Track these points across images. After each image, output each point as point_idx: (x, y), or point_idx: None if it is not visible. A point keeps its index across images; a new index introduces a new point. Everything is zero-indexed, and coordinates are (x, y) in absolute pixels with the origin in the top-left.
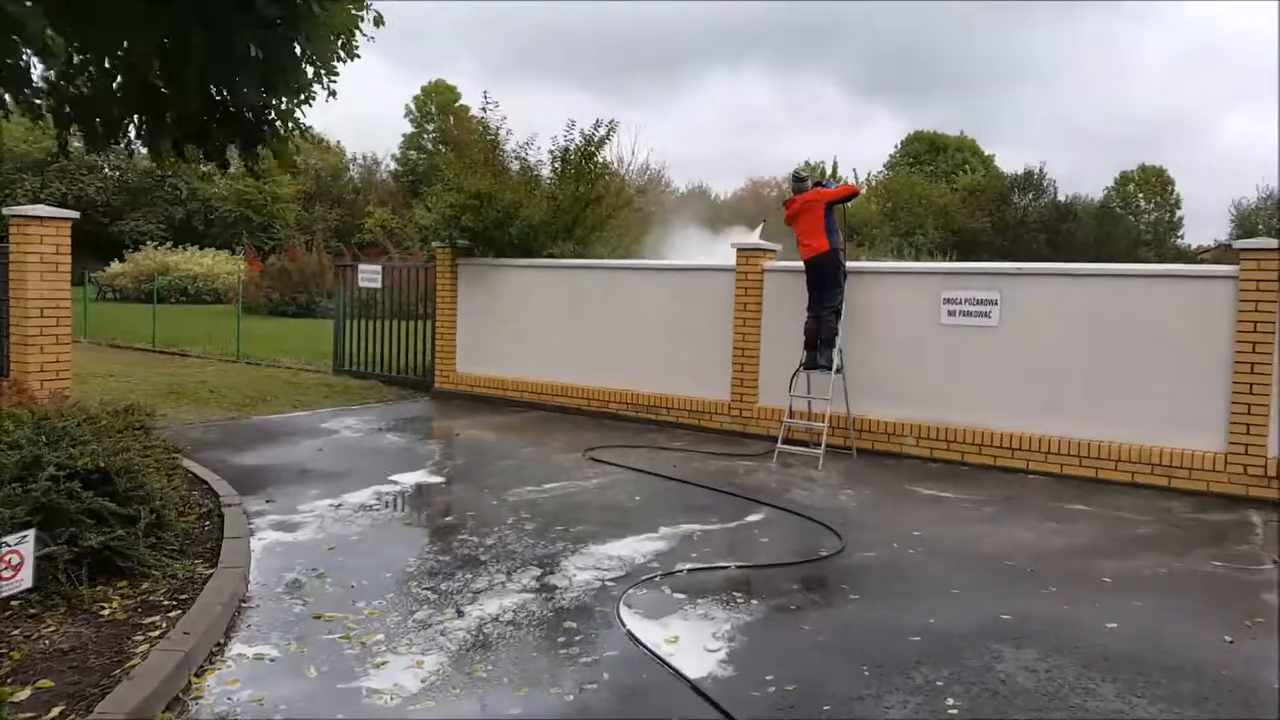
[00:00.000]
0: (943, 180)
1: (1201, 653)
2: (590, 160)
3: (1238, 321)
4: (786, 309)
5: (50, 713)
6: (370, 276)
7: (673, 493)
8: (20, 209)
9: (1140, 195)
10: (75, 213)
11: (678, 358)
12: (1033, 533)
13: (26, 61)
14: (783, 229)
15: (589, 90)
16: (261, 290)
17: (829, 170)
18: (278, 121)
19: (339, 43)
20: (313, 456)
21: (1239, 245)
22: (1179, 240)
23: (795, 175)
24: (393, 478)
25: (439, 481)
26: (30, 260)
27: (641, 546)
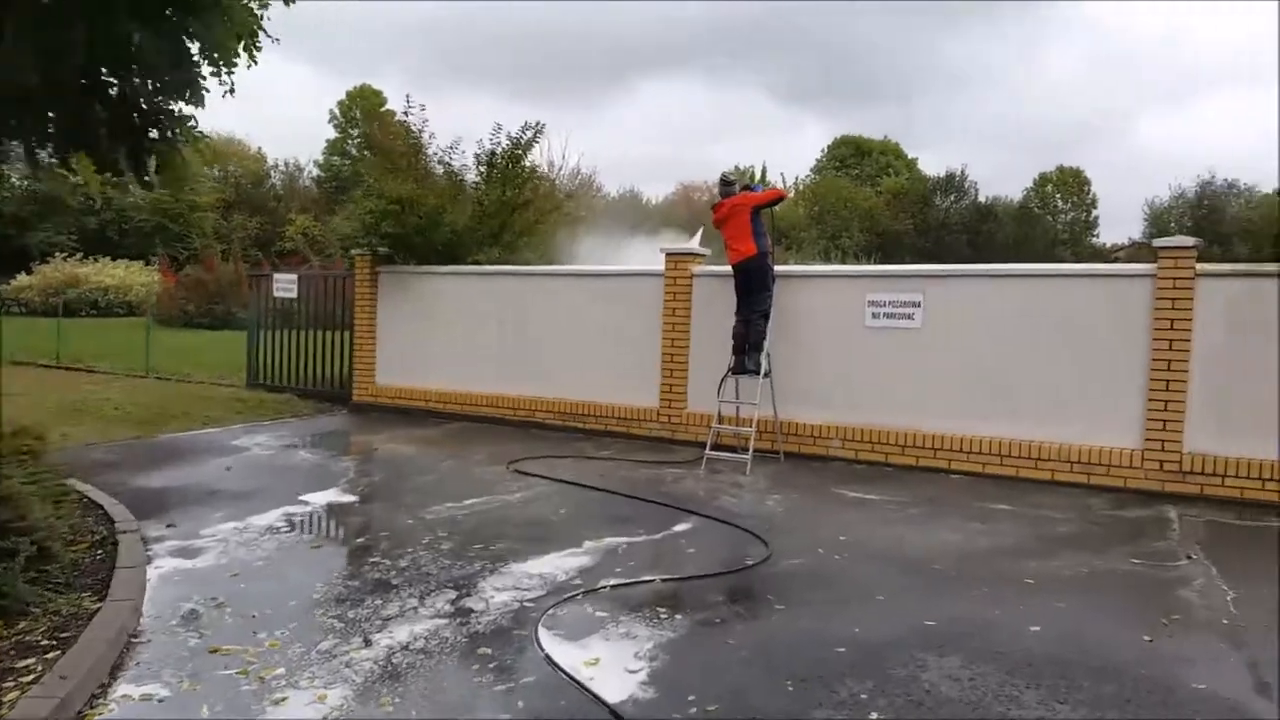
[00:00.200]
0: (868, 184)
1: (1122, 653)
2: (517, 164)
3: (1154, 319)
4: (716, 313)
5: None
6: (285, 286)
7: (599, 504)
8: None
9: (1058, 196)
10: None
11: (606, 364)
12: (957, 533)
13: None
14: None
15: (520, 97)
16: (176, 302)
17: (758, 174)
18: (170, 128)
19: (239, 41)
20: (220, 476)
21: (1157, 244)
22: (1095, 239)
23: (723, 178)
24: (303, 497)
25: (352, 500)
26: None
27: (564, 563)
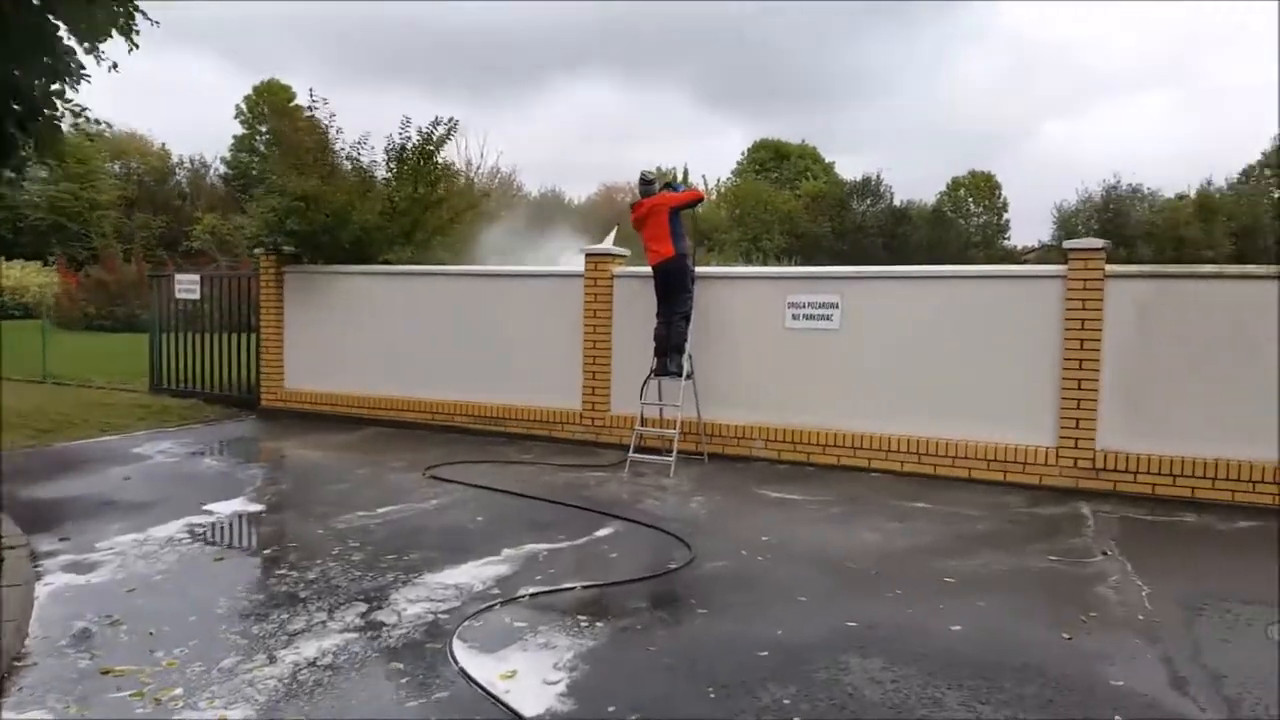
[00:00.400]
0: (787, 187)
1: (1042, 652)
2: (429, 160)
3: (1066, 319)
4: (638, 314)
5: None
6: (188, 287)
7: (519, 510)
8: None
9: (970, 200)
10: None
11: (527, 366)
12: (877, 533)
13: None
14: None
15: (441, 95)
16: (76, 304)
17: (680, 176)
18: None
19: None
20: (119, 486)
21: (1067, 245)
22: (1006, 241)
23: (642, 177)
24: (208, 507)
25: (259, 510)
26: None
27: (481, 572)
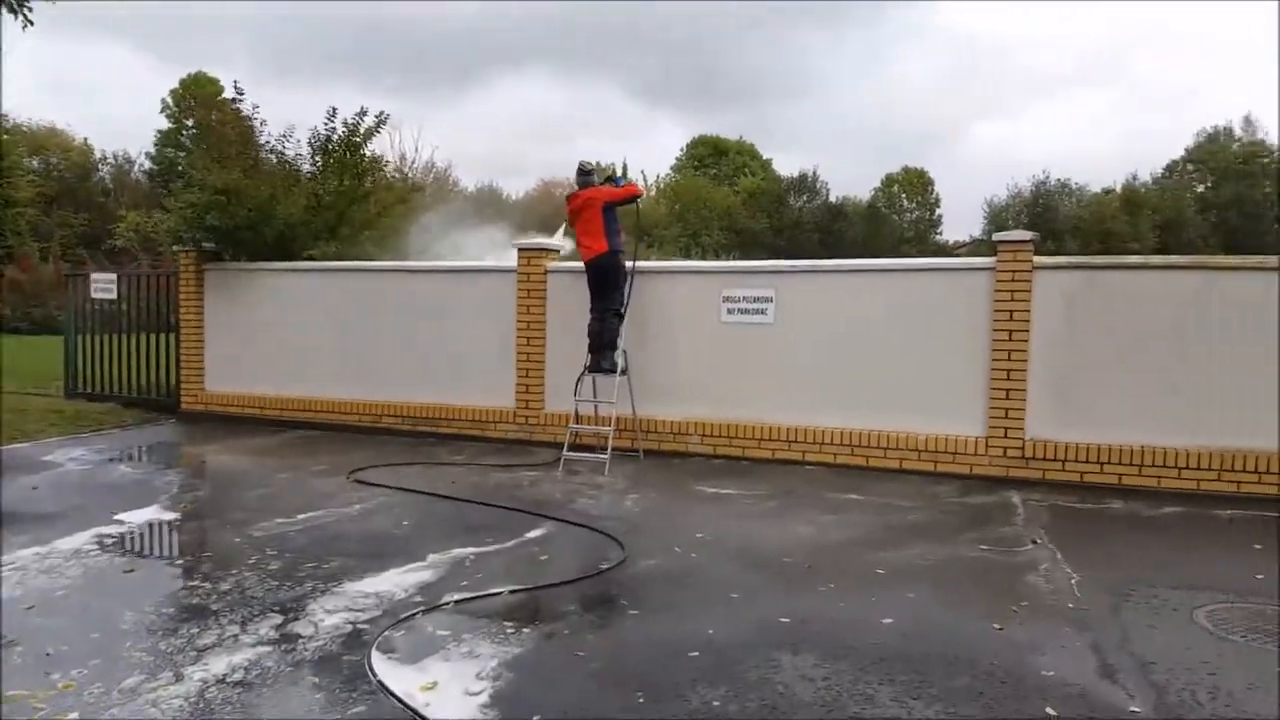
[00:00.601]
0: (726, 183)
1: (973, 643)
2: (355, 152)
3: (995, 310)
4: (573, 310)
5: None
6: (104, 286)
7: (447, 513)
8: None
9: (904, 196)
10: None
11: (458, 365)
12: (811, 526)
13: None
14: None
15: (376, 89)
16: None
17: (619, 171)
18: None
19: None
20: (26, 497)
21: (996, 238)
22: (939, 237)
23: (580, 168)
24: (120, 516)
25: (174, 518)
26: None
27: (405, 579)
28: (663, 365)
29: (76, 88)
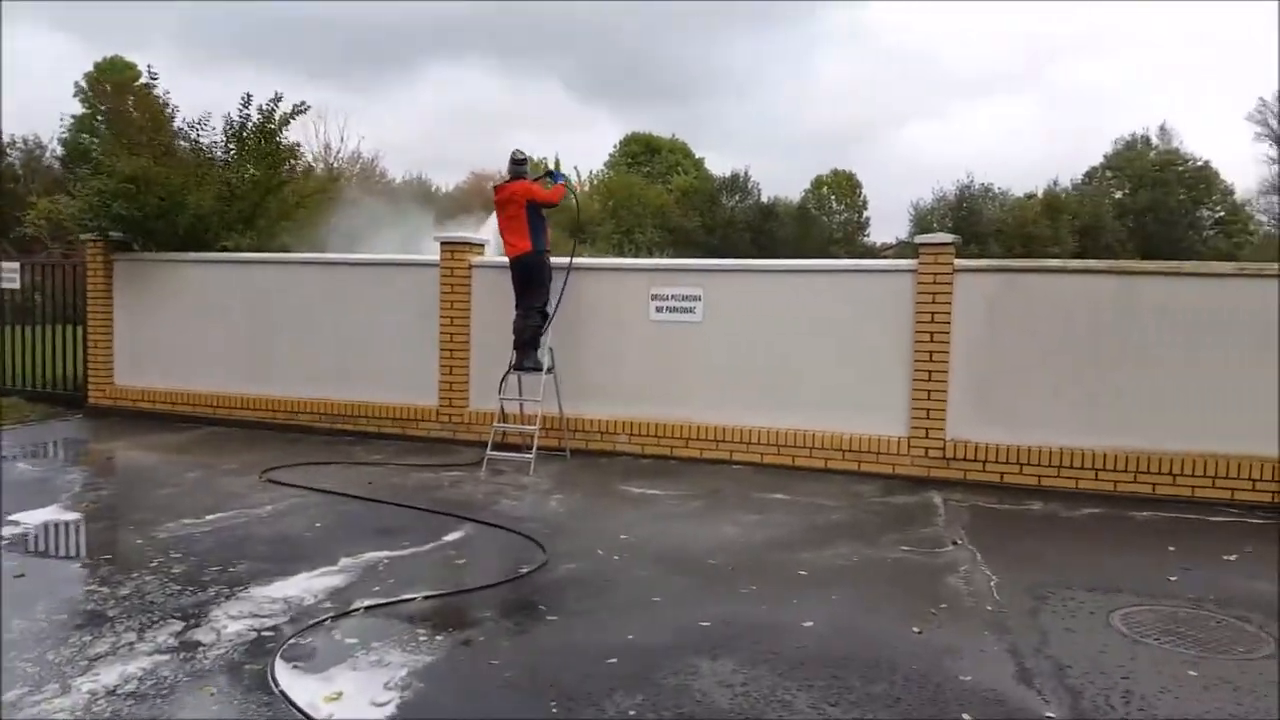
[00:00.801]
0: (659, 181)
1: (893, 646)
2: (271, 139)
3: (917, 311)
4: (499, 306)
5: None
6: (8, 275)
7: (362, 515)
8: None
9: (833, 197)
10: None
11: (379, 361)
12: (736, 526)
13: None
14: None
15: (303, 78)
16: None
17: (551, 165)
18: None
19: None
20: None
21: (918, 240)
22: (866, 238)
23: (513, 156)
24: (15, 517)
25: (74, 519)
26: None
27: (315, 584)
28: (591, 363)
29: None
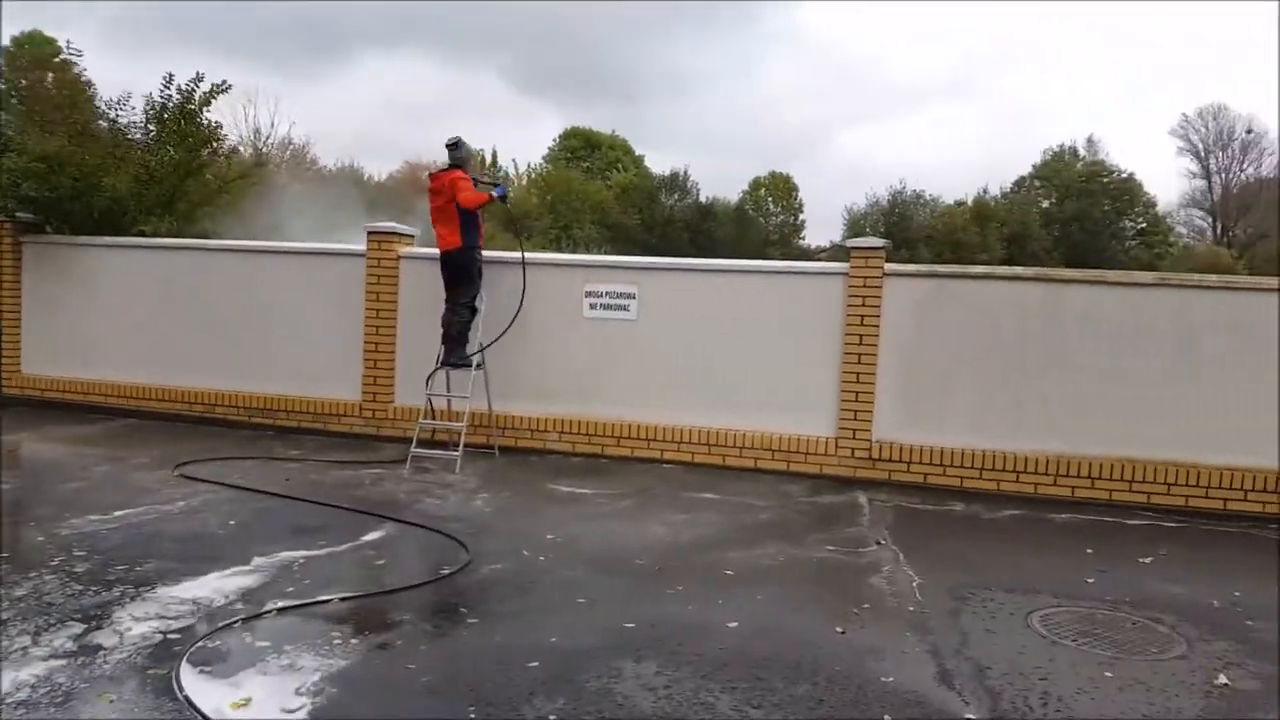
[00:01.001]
0: (598, 177)
1: (816, 647)
2: (192, 120)
3: (847, 314)
4: (427, 298)
5: None
6: None
7: (279, 512)
8: None
9: (770, 199)
10: None
11: (301, 353)
12: (665, 526)
13: None
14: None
15: (236, 59)
16: None
17: (489, 159)
18: None
19: None
20: None
21: (849, 244)
22: (802, 241)
23: (449, 142)
24: None
25: None
26: None
27: (226, 584)
28: (522, 359)
29: None
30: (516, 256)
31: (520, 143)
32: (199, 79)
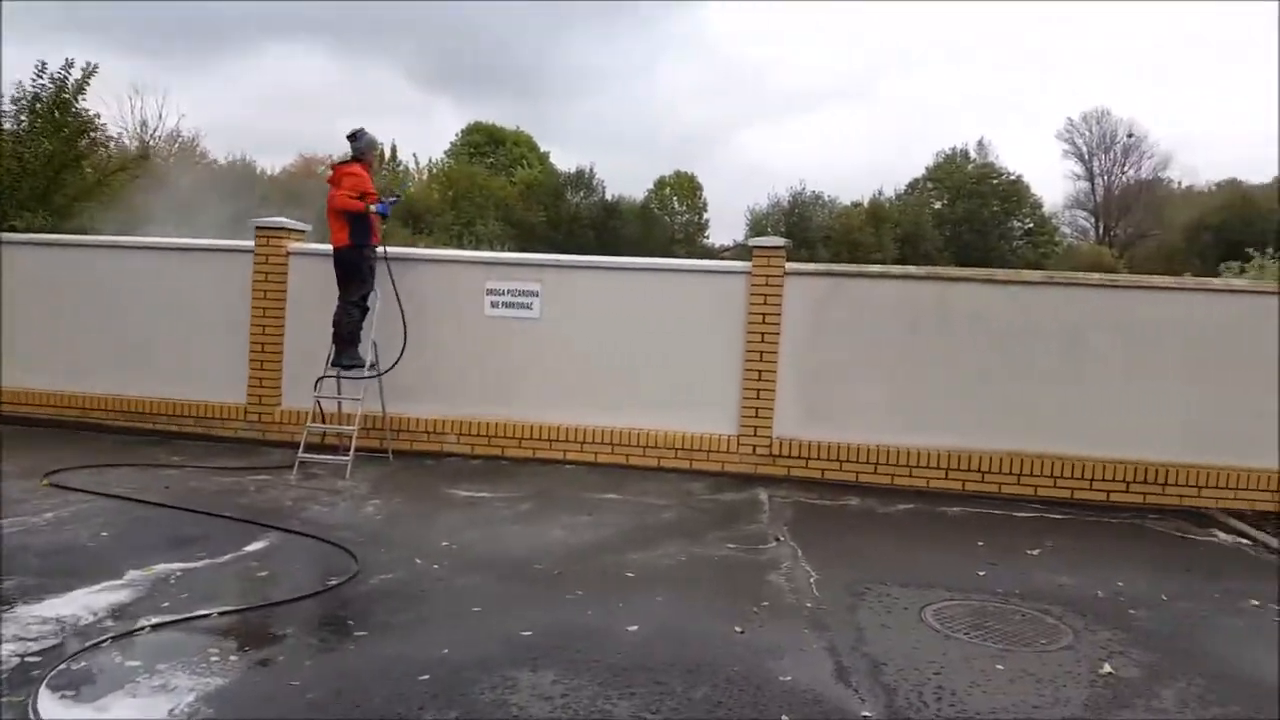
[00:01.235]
0: (502, 173)
1: (715, 648)
2: (66, 110)
3: (749, 312)
4: (317, 297)
5: None
6: None
7: (156, 523)
8: None
9: (675, 199)
10: None
11: (183, 355)
12: (565, 529)
13: None
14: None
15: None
16: None
17: (388, 154)
18: None
19: None
20: None
21: (751, 243)
22: (706, 240)
23: (348, 134)
24: None
25: None
26: None
27: (95, 601)
28: (419, 360)
29: None
30: (414, 252)
31: (420, 137)
32: (69, 65)
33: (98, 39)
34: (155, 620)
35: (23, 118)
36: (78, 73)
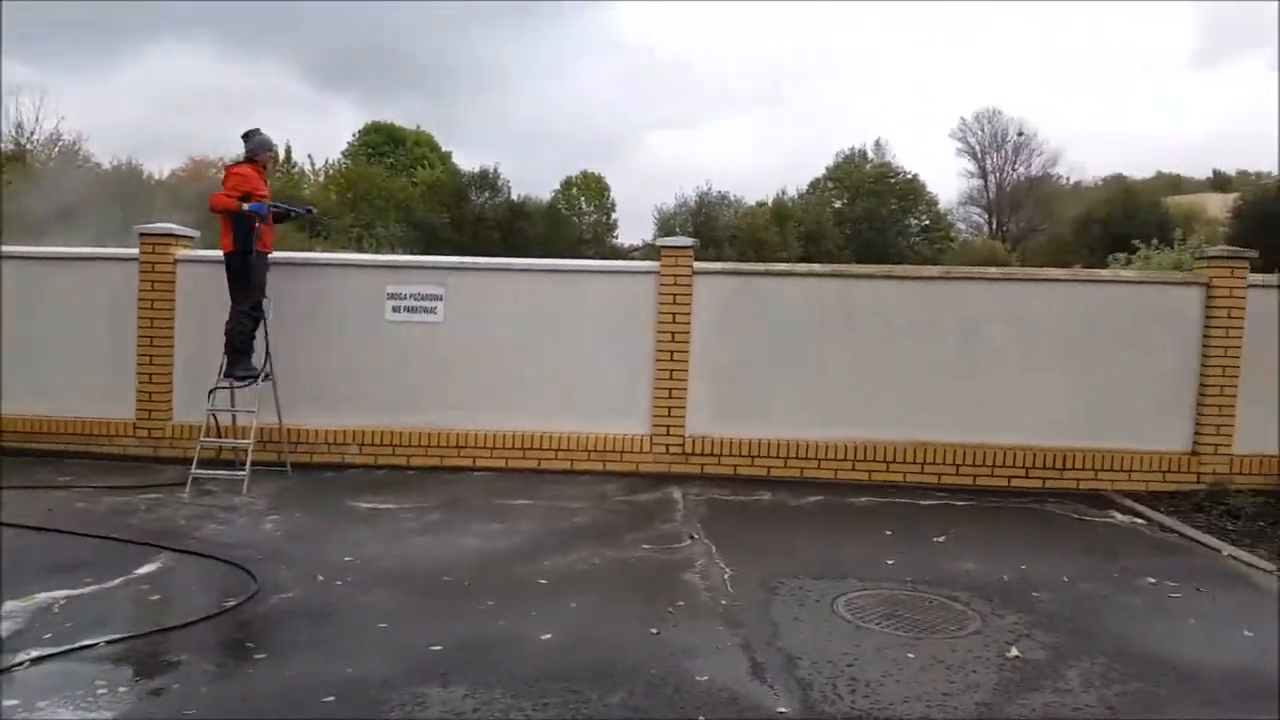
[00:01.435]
0: (403, 174)
1: (631, 651)
2: None
3: (659, 312)
4: (208, 307)
5: None
6: None
7: (37, 548)
8: None
9: (582, 199)
10: None
11: (65, 368)
12: (476, 538)
13: None
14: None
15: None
16: None
17: (282, 154)
18: None
19: None
20: None
21: (660, 243)
22: (615, 240)
23: (242, 134)
24: None
25: None
26: None
27: None
28: (317, 368)
29: None
30: (309, 256)
31: (316, 138)
32: None
33: None
34: (36, 653)
35: None
36: None
